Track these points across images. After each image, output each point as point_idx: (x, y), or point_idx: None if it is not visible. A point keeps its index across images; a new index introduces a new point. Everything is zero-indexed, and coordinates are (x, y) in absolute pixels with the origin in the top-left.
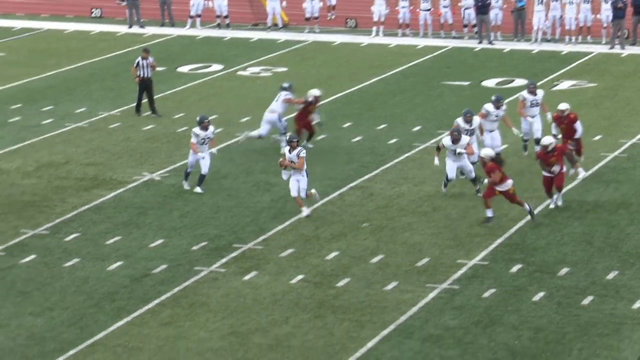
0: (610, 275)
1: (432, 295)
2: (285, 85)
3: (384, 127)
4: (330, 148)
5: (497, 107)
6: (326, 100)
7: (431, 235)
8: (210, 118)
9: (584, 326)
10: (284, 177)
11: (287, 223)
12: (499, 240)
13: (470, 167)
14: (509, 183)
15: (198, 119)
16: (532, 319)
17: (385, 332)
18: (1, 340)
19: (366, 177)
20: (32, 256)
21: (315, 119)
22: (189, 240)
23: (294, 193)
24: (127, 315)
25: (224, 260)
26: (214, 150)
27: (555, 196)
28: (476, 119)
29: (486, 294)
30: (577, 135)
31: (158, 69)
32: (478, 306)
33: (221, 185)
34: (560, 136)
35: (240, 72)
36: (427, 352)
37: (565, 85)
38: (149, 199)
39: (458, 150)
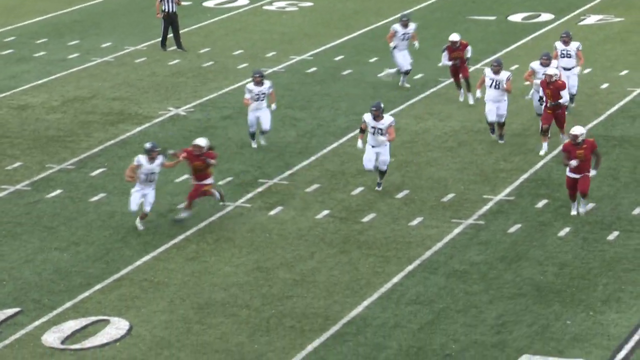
0: (636, 211)
1: (457, 230)
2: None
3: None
4: (356, 83)
5: (543, 65)
6: (352, 35)
7: (457, 171)
8: (236, 53)
9: (610, 261)
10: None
11: (312, 158)
12: (525, 176)
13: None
14: (210, 180)
15: (252, 73)
16: (557, 254)
17: (410, 267)
18: (27, 274)
19: (391, 112)
20: (58, 191)
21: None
22: (215, 175)
23: (133, 207)
24: (153, 250)
25: (249, 195)
26: (273, 105)
27: (577, 203)
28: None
29: (512, 229)
30: (561, 101)
31: (183, 3)
32: (503, 241)
33: (247, 121)
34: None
35: (266, 7)
36: (452, 288)
37: (592, 20)
38: (175, 134)
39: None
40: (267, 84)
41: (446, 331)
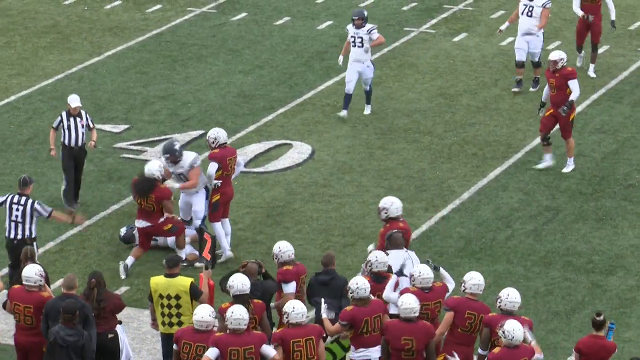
0: None
1: None
2: None
3: None
4: None
5: None
6: None
7: None
8: None
9: None
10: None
11: None
12: None
13: None
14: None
15: None
16: None
17: (594, 96)
18: (212, 97)
19: None
20: (243, 14)
21: None
22: (400, 0)
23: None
24: (336, 75)
25: (433, 21)
26: None
27: None
28: None
29: None
30: (572, 97)
31: None
32: None
33: None
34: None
35: None
36: (636, 117)
37: None
38: None
39: None
40: None
41: (630, 161)
